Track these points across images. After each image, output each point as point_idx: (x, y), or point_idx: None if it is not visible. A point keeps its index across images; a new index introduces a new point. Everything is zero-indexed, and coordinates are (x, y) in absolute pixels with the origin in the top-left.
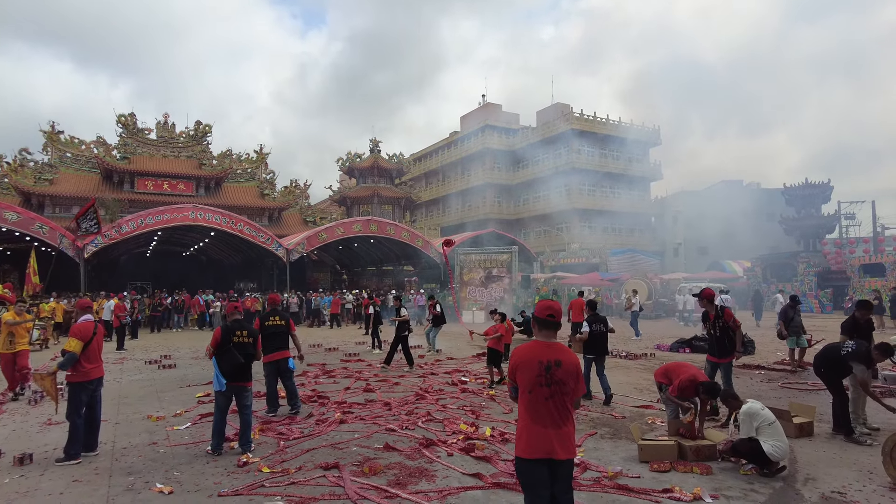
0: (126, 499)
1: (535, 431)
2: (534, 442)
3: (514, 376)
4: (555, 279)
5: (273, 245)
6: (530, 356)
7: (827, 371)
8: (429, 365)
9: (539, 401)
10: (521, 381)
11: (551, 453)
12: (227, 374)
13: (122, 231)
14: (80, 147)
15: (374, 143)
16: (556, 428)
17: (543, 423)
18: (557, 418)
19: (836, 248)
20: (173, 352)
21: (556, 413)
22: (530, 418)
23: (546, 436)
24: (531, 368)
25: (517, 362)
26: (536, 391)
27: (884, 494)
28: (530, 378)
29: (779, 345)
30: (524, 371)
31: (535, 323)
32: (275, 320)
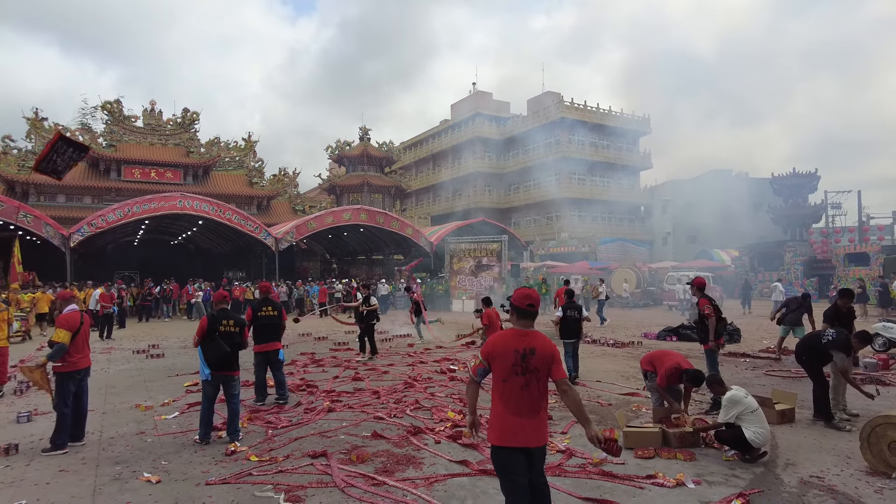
0: (113, 488)
1: (510, 421)
2: (509, 431)
3: (489, 362)
4: (545, 268)
5: (262, 234)
6: (506, 344)
7: (808, 359)
8: (418, 353)
9: (514, 390)
10: (496, 370)
11: (526, 442)
12: (213, 363)
13: (109, 220)
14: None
15: (363, 131)
16: (531, 417)
17: (519, 412)
18: (532, 407)
19: (822, 238)
20: (161, 341)
21: (530, 402)
22: (505, 407)
23: (521, 425)
24: (507, 357)
25: (493, 350)
26: (512, 380)
27: (860, 479)
28: (506, 367)
29: (764, 333)
30: (500, 360)
31: (514, 311)
32: (268, 310)
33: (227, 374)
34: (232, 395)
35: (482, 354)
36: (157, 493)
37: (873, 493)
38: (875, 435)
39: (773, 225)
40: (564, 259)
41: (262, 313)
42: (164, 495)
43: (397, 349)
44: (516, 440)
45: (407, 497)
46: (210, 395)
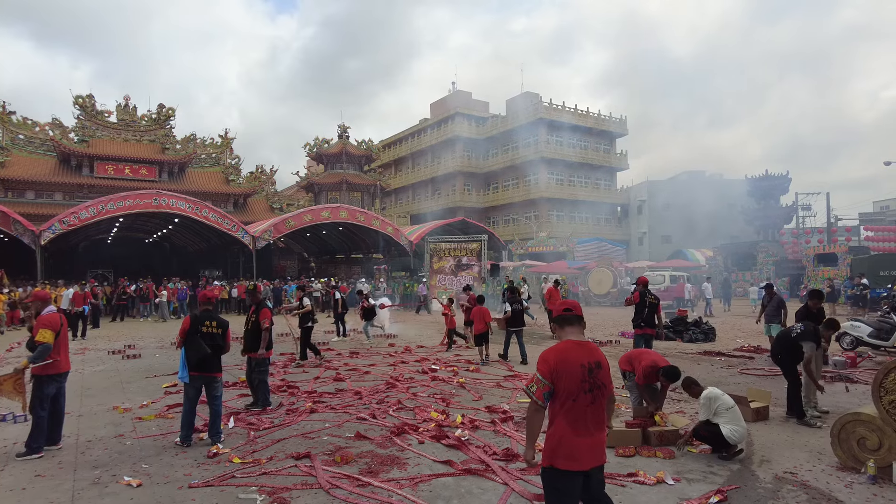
0: (93, 493)
1: (575, 444)
2: (574, 455)
3: (554, 381)
4: (523, 267)
5: (239, 232)
6: (571, 359)
7: (783, 356)
8: (399, 353)
9: (582, 408)
10: (563, 388)
11: (590, 463)
12: (194, 364)
13: (82, 217)
14: (35, 129)
15: (342, 129)
16: (594, 435)
17: (584, 432)
18: (596, 424)
19: (793, 238)
20: (138, 341)
21: (595, 419)
22: (572, 428)
23: (586, 446)
24: (574, 373)
25: (558, 367)
26: (581, 398)
27: (831, 474)
28: (574, 384)
29: (739, 332)
30: (567, 377)
31: (558, 323)
32: (211, 326)
33: (208, 375)
34: (214, 396)
35: (544, 374)
36: (138, 496)
37: (843, 487)
38: (845, 431)
39: (746, 225)
40: (543, 258)
41: (203, 328)
42: (146, 499)
43: (378, 349)
44: (580, 464)
45: (392, 497)
46: (192, 396)
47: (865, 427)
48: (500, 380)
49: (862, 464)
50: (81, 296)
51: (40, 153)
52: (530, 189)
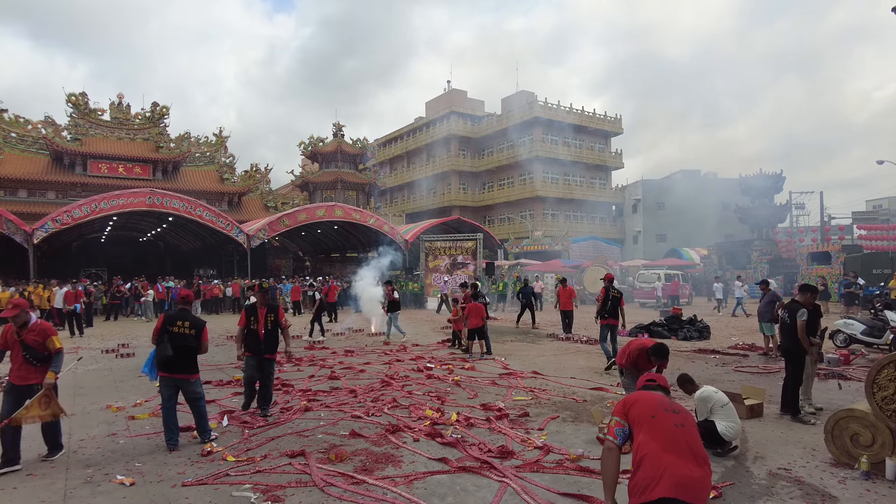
0: (85, 492)
1: (668, 460)
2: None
3: (630, 415)
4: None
5: (233, 231)
6: (644, 398)
7: (789, 346)
8: (394, 352)
9: (664, 427)
10: (638, 411)
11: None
12: (159, 363)
13: (75, 216)
14: (27, 127)
15: (337, 128)
16: (697, 465)
17: (679, 454)
18: (694, 453)
19: (787, 237)
20: (131, 340)
21: (691, 446)
22: (657, 443)
23: (684, 468)
24: (649, 401)
25: (632, 405)
26: (659, 415)
27: (825, 470)
28: (651, 405)
29: (733, 330)
30: (642, 404)
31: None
32: (183, 326)
33: (178, 376)
34: (191, 399)
35: (616, 413)
36: (131, 495)
37: (837, 483)
38: (838, 428)
39: (741, 224)
40: (538, 257)
41: (174, 328)
42: (139, 498)
43: (373, 347)
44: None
45: (387, 495)
46: (165, 397)
47: (859, 423)
48: (496, 377)
49: (855, 459)
50: (73, 294)
51: (33, 151)
52: (525, 188)
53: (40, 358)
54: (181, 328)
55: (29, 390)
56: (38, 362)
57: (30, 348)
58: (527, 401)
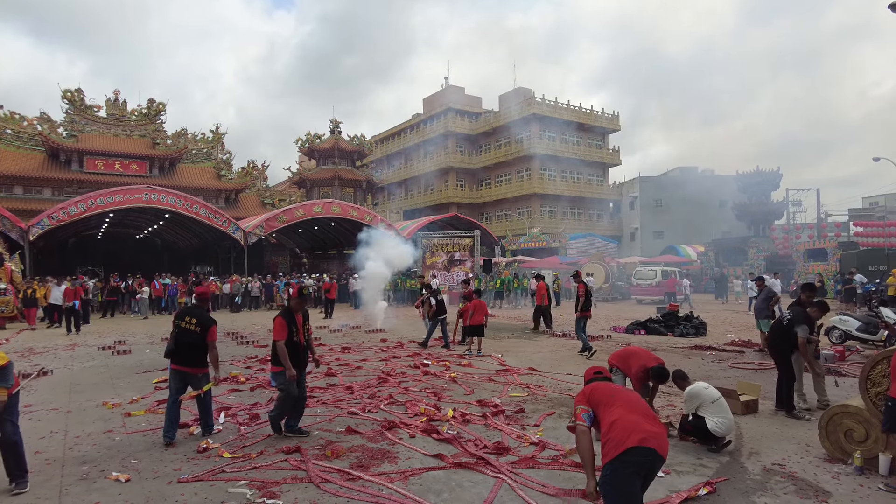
0: (80, 488)
1: (634, 419)
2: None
3: (593, 398)
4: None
5: (230, 228)
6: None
7: (779, 345)
8: (391, 349)
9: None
10: (600, 394)
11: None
12: (166, 355)
13: (71, 213)
14: (22, 123)
15: (334, 124)
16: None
17: (641, 416)
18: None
19: (783, 234)
20: (128, 337)
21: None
22: (625, 411)
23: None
24: (606, 385)
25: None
26: (619, 392)
27: (819, 465)
28: (608, 389)
29: (729, 327)
30: (599, 388)
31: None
32: (189, 322)
33: (183, 370)
34: (197, 392)
35: (579, 402)
36: (126, 492)
37: (830, 478)
38: (832, 423)
39: (738, 221)
40: (535, 254)
41: (182, 323)
42: (135, 494)
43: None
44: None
45: (383, 491)
46: (172, 389)
47: (853, 419)
48: (492, 374)
49: (849, 455)
50: (73, 291)
51: (28, 148)
52: (523, 185)
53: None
54: (188, 324)
55: None
56: None
57: None
58: (523, 397)
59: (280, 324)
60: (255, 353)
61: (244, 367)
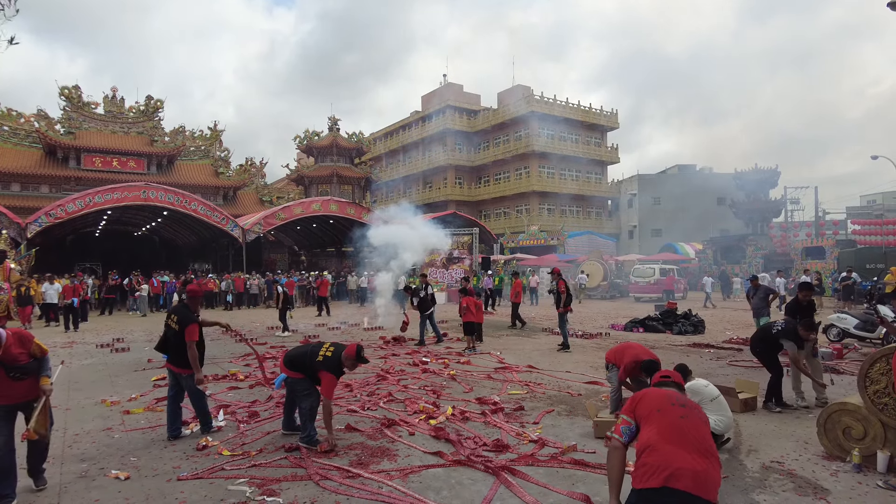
0: (80, 486)
1: (670, 451)
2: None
3: (638, 408)
4: (514, 260)
5: (229, 225)
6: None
7: (762, 349)
8: (390, 346)
9: (668, 419)
10: (645, 407)
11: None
12: (156, 348)
13: (69, 210)
14: (19, 120)
15: (332, 122)
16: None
17: (682, 446)
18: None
19: (781, 232)
20: (126, 335)
21: (699, 444)
22: (660, 436)
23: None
24: (656, 394)
25: (638, 398)
26: (665, 409)
27: (817, 463)
28: (659, 398)
29: (727, 325)
30: (649, 397)
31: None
32: (171, 320)
33: (171, 368)
34: (189, 392)
35: (624, 411)
36: (126, 490)
37: (829, 475)
38: (831, 421)
39: (736, 219)
40: (533, 252)
41: (168, 322)
42: (134, 492)
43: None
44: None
45: (382, 489)
46: (169, 385)
47: (851, 417)
48: (491, 372)
49: (847, 452)
50: (72, 288)
51: (26, 145)
52: (521, 182)
53: (29, 370)
54: (172, 322)
55: (26, 407)
56: (26, 375)
57: (14, 367)
58: (522, 395)
59: (330, 380)
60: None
61: (243, 364)
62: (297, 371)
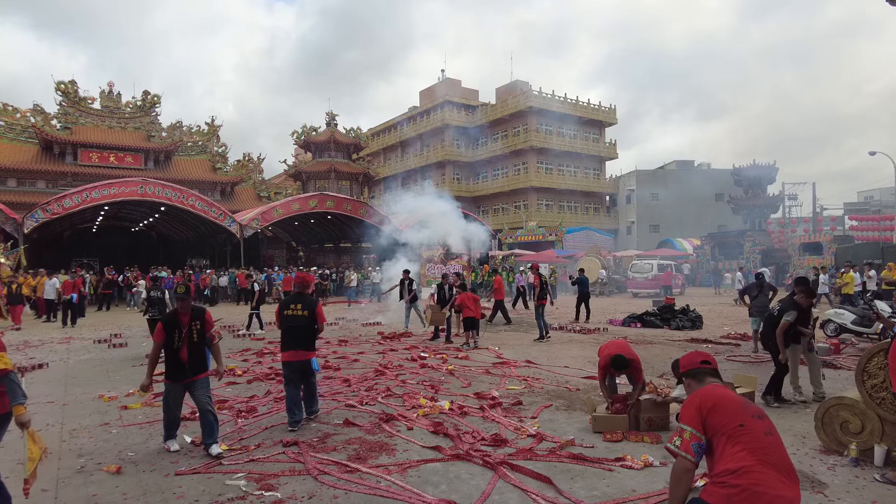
0: (77, 481)
1: (768, 479)
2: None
3: (709, 419)
4: (512, 256)
5: (226, 220)
6: (719, 393)
7: (769, 334)
8: (387, 341)
9: (756, 435)
10: (723, 416)
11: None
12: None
13: (66, 206)
14: (15, 115)
15: (330, 117)
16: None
17: (776, 470)
18: (787, 463)
19: (779, 228)
20: (124, 330)
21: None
22: (752, 456)
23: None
24: (732, 401)
25: (708, 404)
26: (749, 424)
27: (815, 457)
28: (736, 408)
29: (725, 320)
30: (724, 405)
31: (694, 378)
32: (296, 308)
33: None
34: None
35: (688, 421)
36: (124, 484)
37: (826, 469)
38: (829, 415)
39: (734, 215)
40: (532, 247)
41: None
42: (132, 487)
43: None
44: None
45: (381, 483)
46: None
47: (849, 411)
48: (489, 367)
49: (845, 447)
50: (71, 283)
51: (22, 140)
52: (519, 178)
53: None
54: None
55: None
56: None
57: None
58: (520, 390)
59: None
60: (250, 346)
61: (241, 359)
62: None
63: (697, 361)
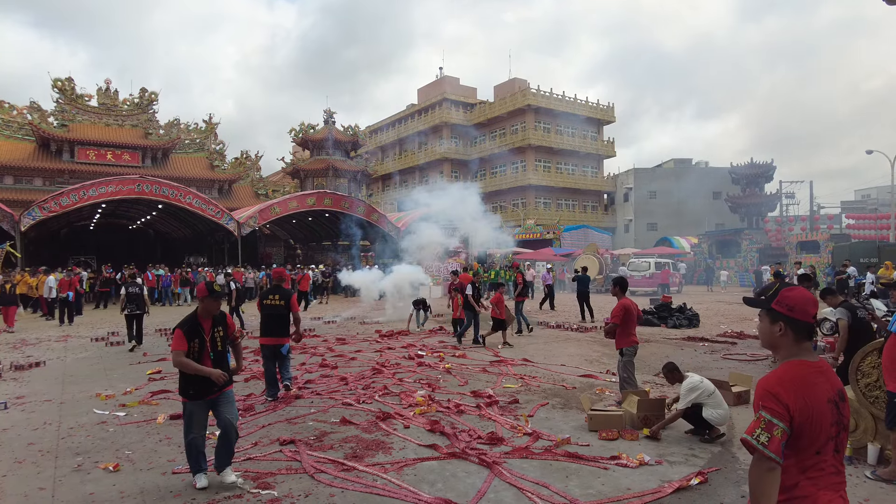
0: (75, 479)
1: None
2: None
3: (797, 430)
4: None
5: (224, 218)
6: (816, 394)
7: None
8: (386, 340)
9: (827, 461)
10: (807, 439)
11: None
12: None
13: (63, 203)
14: (12, 112)
15: (328, 114)
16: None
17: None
18: (841, 479)
19: (776, 226)
20: (121, 328)
21: (840, 472)
22: (815, 486)
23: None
24: (823, 415)
25: (802, 406)
26: (826, 448)
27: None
28: (824, 429)
29: (722, 318)
30: (815, 422)
31: (795, 330)
32: (274, 299)
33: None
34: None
35: (779, 416)
36: (121, 483)
37: None
38: None
39: (731, 213)
40: (529, 246)
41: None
42: (129, 485)
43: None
44: None
45: (377, 482)
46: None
47: None
48: (486, 365)
49: None
50: (67, 282)
51: (18, 137)
52: (517, 176)
53: None
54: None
55: None
56: None
57: None
58: (517, 388)
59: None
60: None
61: None
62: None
63: (812, 315)
